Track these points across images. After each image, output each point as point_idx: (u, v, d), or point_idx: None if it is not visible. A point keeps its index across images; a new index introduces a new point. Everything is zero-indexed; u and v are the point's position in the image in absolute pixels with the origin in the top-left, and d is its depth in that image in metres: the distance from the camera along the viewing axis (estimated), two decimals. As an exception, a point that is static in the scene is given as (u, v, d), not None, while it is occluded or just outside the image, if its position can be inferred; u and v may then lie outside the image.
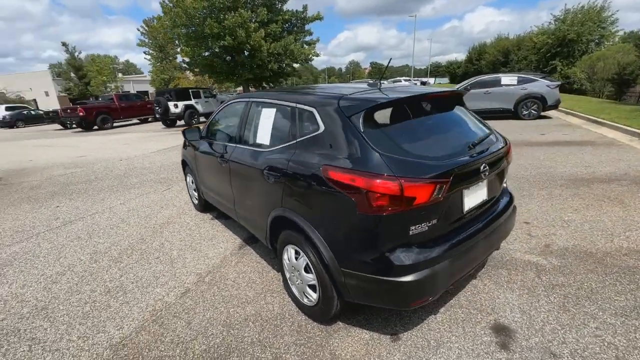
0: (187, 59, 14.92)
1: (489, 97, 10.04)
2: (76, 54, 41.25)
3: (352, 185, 1.56)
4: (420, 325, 2.06)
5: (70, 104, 26.57)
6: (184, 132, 3.43)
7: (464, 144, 1.91)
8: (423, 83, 30.74)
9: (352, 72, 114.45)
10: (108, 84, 38.96)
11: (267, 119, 2.34)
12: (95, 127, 17.25)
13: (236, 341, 2.01)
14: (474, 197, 1.90)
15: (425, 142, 1.88)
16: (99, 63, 38.63)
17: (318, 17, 15.35)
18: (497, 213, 2.10)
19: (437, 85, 33.53)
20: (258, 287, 2.55)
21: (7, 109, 22.98)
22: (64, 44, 40.50)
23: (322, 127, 1.81)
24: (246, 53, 13.96)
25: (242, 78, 15.10)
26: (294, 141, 2.00)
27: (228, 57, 14.08)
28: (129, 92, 28.35)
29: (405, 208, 1.53)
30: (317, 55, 16.73)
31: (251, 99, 2.68)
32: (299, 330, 2.06)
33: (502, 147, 2.09)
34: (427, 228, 1.64)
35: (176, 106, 15.57)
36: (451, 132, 2.08)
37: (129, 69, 75.36)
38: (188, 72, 17.06)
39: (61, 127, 18.98)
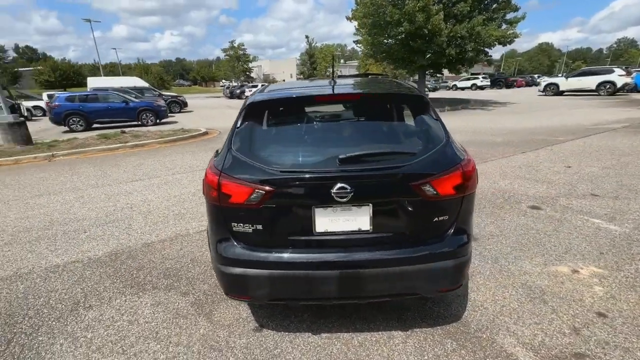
0: (362, 48, 16.06)
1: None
2: (313, 44, 51.84)
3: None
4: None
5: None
6: None
7: (333, 157, 1.62)
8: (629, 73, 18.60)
9: (618, 55, 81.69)
10: (328, 68, 47.22)
11: None
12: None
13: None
14: (336, 221, 1.63)
15: (285, 147, 1.81)
16: (325, 51, 47.34)
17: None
18: (387, 257, 1.67)
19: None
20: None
21: (252, 87, 33.25)
22: (306, 37, 51.83)
23: None
24: (425, 38, 13.48)
25: (417, 65, 14.76)
26: None
27: (404, 44, 14.10)
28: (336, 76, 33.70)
29: (224, 204, 1.64)
30: (516, 36, 13.67)
31: None
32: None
33: (394, 171, 1.58)
34: (250, 230, 1.66)
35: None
36: (331, 141, 1.86)
37: (353, 55, 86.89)
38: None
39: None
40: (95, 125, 13.29)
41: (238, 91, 36.45)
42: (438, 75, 17.71)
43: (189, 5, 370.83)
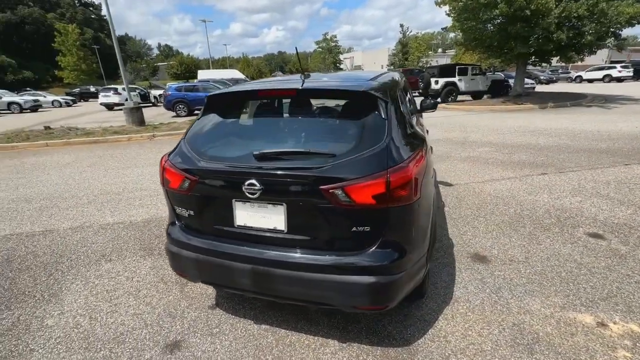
0: (452, 34, 14.34)
1: None
2: (408, 33, 49.23)
3: None
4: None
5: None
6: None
7: (252, 152, 1.62)
8: None
9: None
10: (421, 59, 44.33)
11: None
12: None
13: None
14: (253, 216, 1.64)
15: (217, 140, 1.87)
16: (419, 40, 44.42)
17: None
18: (298, 261, 1.60)
19: None
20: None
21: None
22: (401, 25, 49.42)
23: None
24: (527, 21, 11.35)
25: (514, 53, 12.56)
26: None
27: (501, 28, 12.12)
28: (422, 67, 31.16)
29: (167, 188, 1.81)
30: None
31: None
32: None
33: (304, 173, 1.51)
34: (186, 215, 1.80)
35: (437, 82, 16.06)
36: (259, 137, 1.87)
37: (454, 44, 79.41)
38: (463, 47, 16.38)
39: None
40: (195, 112, 15.56)
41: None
42: (543, 64, 14.75)
43: (295, 1, 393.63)
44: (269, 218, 1.61)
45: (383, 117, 1.66)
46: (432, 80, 16.12)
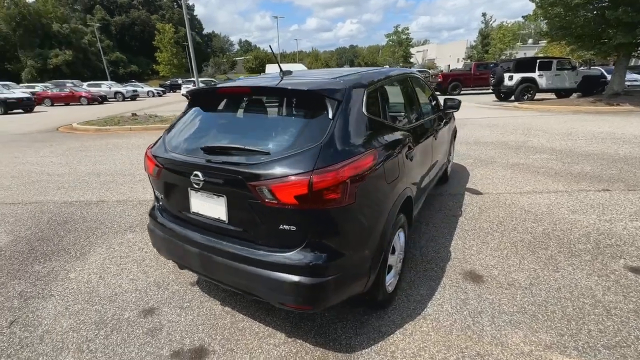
0: (535, 25, 12.41)
1: None
2: (491, 22, 44.67)
3: None
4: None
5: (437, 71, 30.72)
6: None
7: (201, 145, 1.76)
8: None
9: None
10: (504, 51, 39.73)
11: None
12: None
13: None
14: (203, 205, 1.75)
15: (184, 133, 2.01)
16: (503, 30, 39.70)
17: None
18: (231, 250, 1.68)
19: None
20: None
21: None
22: (483, 15, 44.97)
23: None
24: (633, 5, 9.26)
25: (612, 43, 10.35)
26: None
27: (594, 15, 10.10)
28: (496, 61, 27.86)
29: (147, 172, 2.03)
30: None
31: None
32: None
33: (236, 168, 1.56)
34: (160, 197, 2.01)
35: (511, 78, 14.26)
36: (215, 132, 1.99)
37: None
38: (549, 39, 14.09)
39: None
40: None
41: (391, 77, 36.31)
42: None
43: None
44: (215, 208, 1.73)
45: (329, 117, 1.62)
46: (506, 75, 14.37)
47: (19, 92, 19.87)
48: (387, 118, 2.08)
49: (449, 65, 51.41)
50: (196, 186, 1.69)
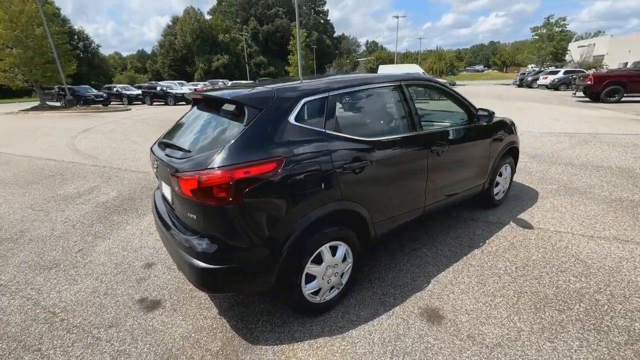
0: None
1: None
2: None
3: None
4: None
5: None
6: None
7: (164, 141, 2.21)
8: None
9: None
10: None
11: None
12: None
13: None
14: (165, 190, 2.15)
15: (172, 129, 2.42)
16: None
17: None
18: (168, 229, 2.04)
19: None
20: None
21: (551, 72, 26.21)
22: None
23: None
24: None
25: None
26: None
27: None
28: None
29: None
30: None
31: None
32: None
33: (173, 164, 1.85)
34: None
35: None
36: (178, 132, 2.33)
37: None
38: None
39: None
40: None
41: (530, 78, 30.46)
42: None
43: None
44: (168, 194, 2.13)
45: (243, 123, 1.78)
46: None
47: (186, 88, 25.96)
48: (333, 129, 2.04)
49: (626, 64, 39.54)
50: (155, 174, 2.13)
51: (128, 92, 25.50)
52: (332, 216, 2.00)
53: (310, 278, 2.02)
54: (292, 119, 1.88)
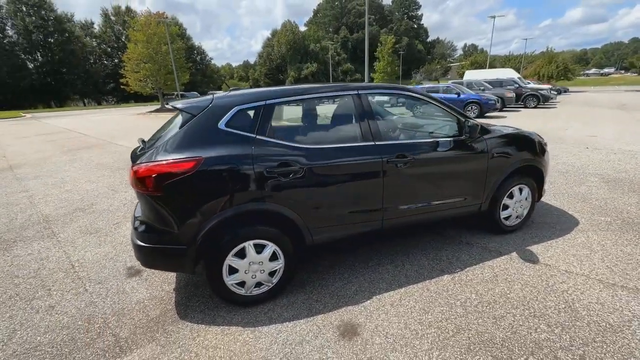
0: None
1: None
2: None
3: None
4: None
5: None
6: None
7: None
8: None
9: None
10: None
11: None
12: None
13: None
14: None
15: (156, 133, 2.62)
16: None
17: None
18: None
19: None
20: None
21: None
22: None
23: None
24: None
25: None
26: None
27: None
28: None
29: None
30: None
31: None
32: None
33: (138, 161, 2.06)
34: None
35: None
36: (156, 134, 2.54)
37: None
38: None
39: None
40: None
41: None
42: None
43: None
44: None
45: (179, 126, 2.09)
46: None
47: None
48: (266, 134, 2.18)
49: None
50: None
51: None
52: (253, 215, 2.15)
53: (233, 270, 2.20)
54: (222, 124, 2.11)
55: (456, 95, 14.97)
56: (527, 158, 3.04)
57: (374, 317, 2.16)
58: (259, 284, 2.29)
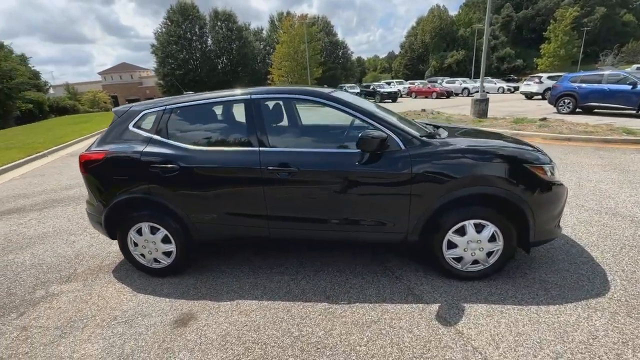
0: None
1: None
2: None
3: None
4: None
5: None
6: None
7: None
8: None
9: None
10: None
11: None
12: None
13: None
14: None
15: None
16: None
17: None
18: None
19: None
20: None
21: None
22: None
23: None
24: None
25: None
26: None
27: None
28: None
29: None
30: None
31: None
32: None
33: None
34: None
35: None
36: None
37: None
38: None
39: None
40: (590, 109, 12.08)
41: None
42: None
43: None
44: None
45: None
46: None
47: (389, 88, 27.70)
48: (160, 135, 2.52)
49: None
50: None
51: (350, 91, 30.73)
52: (143, 202, 2.56)
53: (135, 244, 2.69)
54: (131, 125, 2.59)
55: (630, 87, 10.71)
56: (489, 185, 2.21)
57: (212, 313, 2.23)
58: (155, 260, 2.72)
